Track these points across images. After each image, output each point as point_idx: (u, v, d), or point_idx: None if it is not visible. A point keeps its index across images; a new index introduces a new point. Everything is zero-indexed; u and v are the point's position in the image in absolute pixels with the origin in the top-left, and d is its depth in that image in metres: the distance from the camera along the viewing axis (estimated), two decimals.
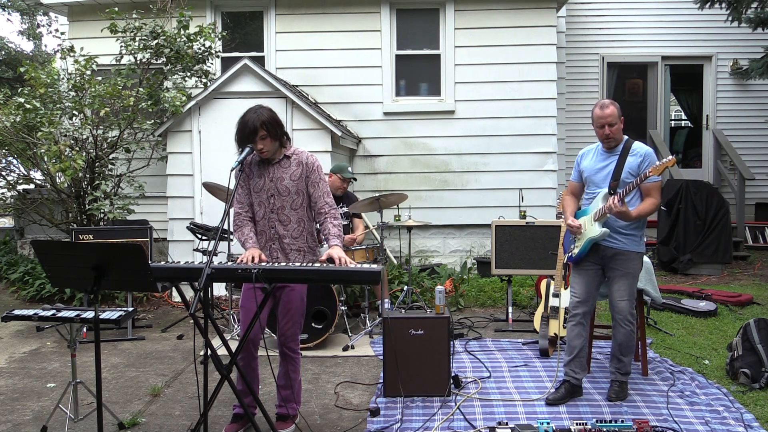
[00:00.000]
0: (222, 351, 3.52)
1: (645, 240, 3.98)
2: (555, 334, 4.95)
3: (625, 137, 3.93)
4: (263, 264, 3.18)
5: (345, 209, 6.07)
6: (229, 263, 3.29)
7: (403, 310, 5.24)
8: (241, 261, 3.25)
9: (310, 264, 3.24)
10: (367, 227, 6.83)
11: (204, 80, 7.47)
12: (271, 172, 3.48)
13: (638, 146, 3.88)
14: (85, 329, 5.58)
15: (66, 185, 6.91)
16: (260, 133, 3.33)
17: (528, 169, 7.94)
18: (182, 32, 7.01)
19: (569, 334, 4.03)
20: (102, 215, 6.68)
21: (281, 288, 3.52)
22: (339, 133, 6.89)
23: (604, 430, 3.36)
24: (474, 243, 8.07)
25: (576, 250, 3.96)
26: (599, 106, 3.86)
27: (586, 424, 3.41)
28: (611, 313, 3.95)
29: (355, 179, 6.24)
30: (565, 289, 5.02)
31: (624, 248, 3.85)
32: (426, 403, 3.95)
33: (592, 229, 3.86)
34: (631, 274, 3.87)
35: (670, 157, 3.64)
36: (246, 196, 3.54)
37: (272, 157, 3.48)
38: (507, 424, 3.50)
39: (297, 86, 7.74)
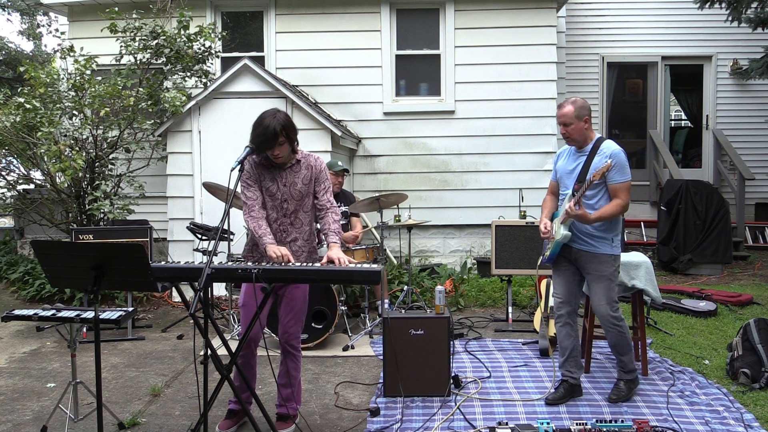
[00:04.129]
0: (222, 351, 3.52)
1: (624, 241, 3.91)
2: (555, 334, 4.95)
3: (598, 136, 3.87)
4: (263, 264, 3.18)
5: (344, 208, 6.07)
6: (230, 263, 3.30)
7: (403, 310, 5.24)
8: (273, 256, 3.22)
9: (310, 264, 3.24)
10: (366, 227, 6.84)
11: (204, 80, 7.47)
12: (284, 177, 3.48)
13: (606, 145, 3.79)
14: (85, 329, 5.58)
15: (66, 185, 6.91)
16: (279, 139, 3.31)
17: (528, 169, 7.94)
18: (182, 32, 7.01)
19: (558, 335, 4.04)
20: (102, 215, 6.67)
21: (283, 285, 3.53)
22: (339, 133, 6.89)
23: (604, 430, 3.36)
24: (474, 243, 8.08)
25: (547, 253, 3.98)
26: (558, 105, 3.90)
27: (586, 424, 3.41)
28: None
29: (347, 171, 6.24)
30: None
31: (594, 251, 3.81)
32: (426, 403, 3.95)
33: (558, 232, 3.85)
34: (605, 277, 3.80)
35: (607, 161, 3.62)
36: (259, 195, 3.48)
37: (284, 163, 3.47)
38: (507, 424, 3.50)
39: (297, 86, 7.74)
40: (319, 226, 3.60)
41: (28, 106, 6.31)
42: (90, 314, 3.26)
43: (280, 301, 3.59)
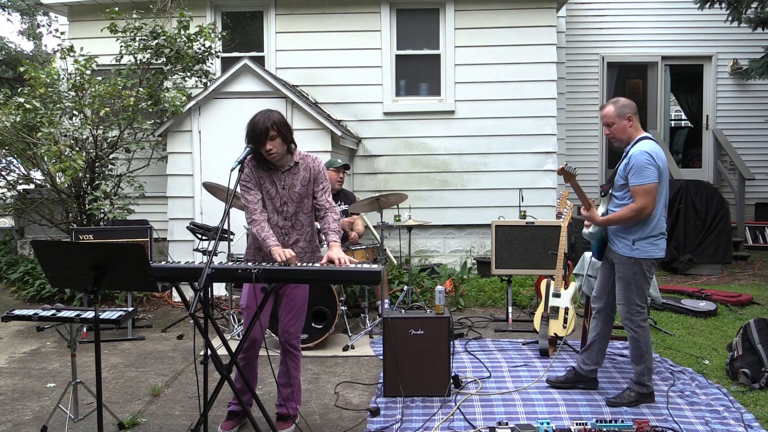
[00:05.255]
0: (222, 351, 3.52)
1: (657, 247, 3.74)
2: (555, 334, 4.95)
3: (640, 135, 3.81)
4: (263, 264, 3.18)
5: (344, 207, 6.07)
6: (230, 263, 3.30)
7: (403, 310, 5.24)
8: (279, 259, 3.22)
9: (310, 264, 3.24)
10: (366, 227, 6.84)
11: (204, 80, 7.47)
12: (283, 179, 3.49)
13: (636, 146, 3.75)
14: (85, 329, 5.58)
15: (66, 185, 6.91)
16: (270, 133, 3.31)
17: (528, 169, 7.94)
18: (182, 32, 7.01)
19: (590, 325, 4.18)
20: (102, 215, 6.67)
21: (283, 285, 3.53)
22: (339, 133, 6.89)
23: (604, 430, 3.36)
24: (474, 243, 8.07)
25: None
26: (600, 107, 3.90)
27: (586, 424, 3.41)
28: None
29: (348, 166, 6.25)
30: (565, 289, 5.02)
31: (617, 251, 3.85)
32: (426, 403, 3.95)
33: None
34: (623, 279, 3.81)
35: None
36: (260, 197, 3.48)
37: (282, 165, 3.47)
38: (507, 424, 3.50)
39: (297, 86, 7.74)
40: (318, 225, 3.61)
41: (28, 106, 6.31)
42: (90, 314, 3.26)
43: (280, 301, 3.60)
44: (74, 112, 6.70)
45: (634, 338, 3.82)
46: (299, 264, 3.26)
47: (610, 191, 3.89)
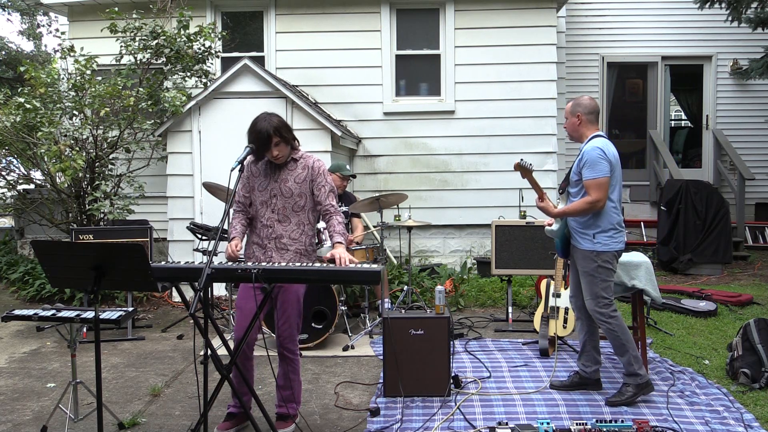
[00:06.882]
0: (222, 351, 3.52)
1: (617, 240, 3.84)
2: (555, 334, 4.95)
3: (593, 134, 3.93)
4: (263, 264, 3.18)
5: (344, 208, 6.08)
6: (230, 263, 3.30)
7: (403, 310, 5.24)
8: (226, 249, 3.42)
9: (311, 264, 3.25)
10: (366, 227, 6.84)
11: (204, 80, 7.47)
12: (277, 173, 3.54)
13: (589, 143, 3.89)
14: (85, 329, 5.58)
15: (66, 185, 6.90)
16: (274, 140, 3.39)
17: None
18: (182, 32, 7.01)
19: (576, 327, 4.22)
20: (102, 215, 6.67)
21: (277, 288, 3.53)
22: (339, 133, 6.89)
23: (604, 430, 3.36)
24: (474, 243, 8.07)
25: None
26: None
27: (586, 424, 3.41)
28: None
29: (354, 176, 6.26)
30: (565, 289, 5.02)
31: (578, 246, 3.93)
32: (426, 403, 3.95)
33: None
34: (587, 273, 3.88)
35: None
36: (242, 190, 3.61)
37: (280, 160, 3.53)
38: (507, 424, 3.50)
39: (297, 86, 7.74)
40: (323, 226, 3.63)
41: (28, 106, 6.31)
42: (90, 314, 3.26)
43: (275, 304, 3.58)
44: (74, 112, 6.69)
45: (610, 329, 3.85)
46: (283, 263, 3.31)
47: (567, 188, 3.96)
